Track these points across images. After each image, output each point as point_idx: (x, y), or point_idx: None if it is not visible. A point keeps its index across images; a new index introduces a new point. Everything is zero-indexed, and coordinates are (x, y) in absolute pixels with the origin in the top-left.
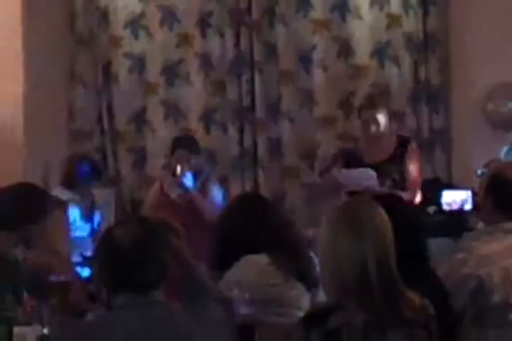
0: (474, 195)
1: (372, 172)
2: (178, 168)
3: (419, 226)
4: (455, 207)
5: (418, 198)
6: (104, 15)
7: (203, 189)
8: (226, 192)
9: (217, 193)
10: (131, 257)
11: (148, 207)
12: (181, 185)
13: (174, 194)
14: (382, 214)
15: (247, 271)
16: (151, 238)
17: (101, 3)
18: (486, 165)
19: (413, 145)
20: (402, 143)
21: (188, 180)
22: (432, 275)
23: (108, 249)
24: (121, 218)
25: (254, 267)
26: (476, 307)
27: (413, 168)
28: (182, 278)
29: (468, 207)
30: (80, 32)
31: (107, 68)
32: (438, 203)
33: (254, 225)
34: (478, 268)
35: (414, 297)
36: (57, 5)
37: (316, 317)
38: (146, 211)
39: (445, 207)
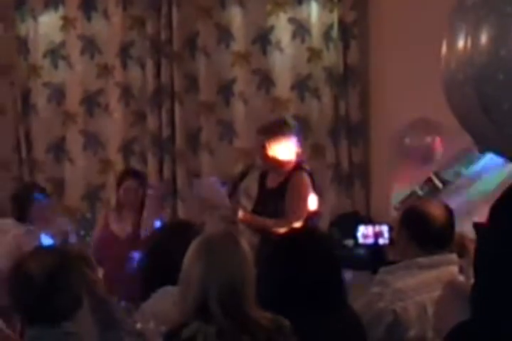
0: (391, 229)
1: (220, 187)
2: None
3: (333, 259)
4: (370, 241)
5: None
6: (23, 44)
7: None
8: None
9: None
10: (43, 288)
11: (94, 241)
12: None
13: (117, 228)
14: (239, 247)
15: (163, 303)
16: (64, 269)
17: (21, 31)
18: (403, 200)
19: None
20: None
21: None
22: (348, 307)
23: (20, 281)
24: (35, 249)
25: (171, 299)
26: None
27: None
28: (94, 310)
29: (382, 241)
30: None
31: (26, 97)
32: (355, 237)
33: (178, 256)
34: (394, 302)
35: (266, 315)
36: None
37: (172, 331)
38: (92, 245)
39: (361, 241)
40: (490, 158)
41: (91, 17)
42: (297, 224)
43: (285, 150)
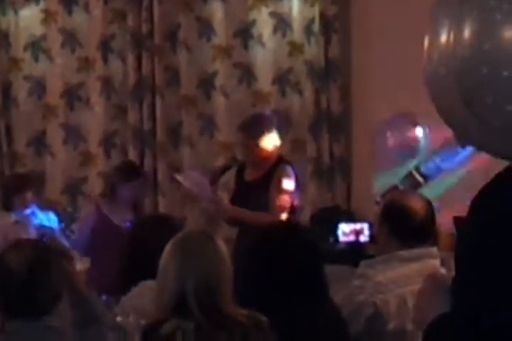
0: (371, 227)
1: (204, 180)
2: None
3: (316, 252)
4: (351, 238)
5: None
6: (4, 37)
7: None
8: None
9: None
10: (23, 282)
11: (83, 230)
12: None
13: (118, 219)
14: (215, 245)
15: (143, 297)
16: (43, 263)
17: (2, 24)
18: (384, 194)
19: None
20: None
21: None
22: (329, 301)
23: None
24: (14, 242)
25: (150, 293)
26: (372, 334)
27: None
28: (73, 305)
29: (363, 239)
30: None
31: (6, 90)
32: (335, 234)
33: (158, 250)
34: (375, 295)
35: (243, 311)
36: None
37: (151, 326)
38: (80, 234)
39: (342, 239)
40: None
41: (72, 10)
42: (282, 217)
43: (267, 145)
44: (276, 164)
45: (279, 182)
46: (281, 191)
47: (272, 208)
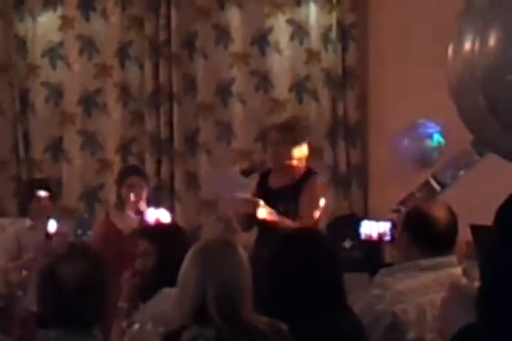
0: (393, 227)
1: (245, 180)
2: (132, 196)
3: (337, 261)
4: (374, 238)
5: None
6: (22, 44)
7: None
8: None
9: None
10: (76, 295)
11: (94, 237)
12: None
13: (122, 224)
14: (236, 253)
15: (162, 305)
16: (97, 276)
17: (20, 30)
18: (402, 202)
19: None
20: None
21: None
22: (349, 309)
23: (52, 286)
24: (65, 253)
25: (169, 300)
26: None
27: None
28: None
29: (387, 238)
30: None
31: (24, 97)
32: (356, 235)
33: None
34: (394, 304)
35: (263, 319)
36: None
37: (171, 334)
38: (92, 242)
39: (363, 237)
40: None
41: (89, 17)
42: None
43: (300, 152)
44: (306, 175)
45: (312, 194)
46: (314, 206)
47: (304, 218)
